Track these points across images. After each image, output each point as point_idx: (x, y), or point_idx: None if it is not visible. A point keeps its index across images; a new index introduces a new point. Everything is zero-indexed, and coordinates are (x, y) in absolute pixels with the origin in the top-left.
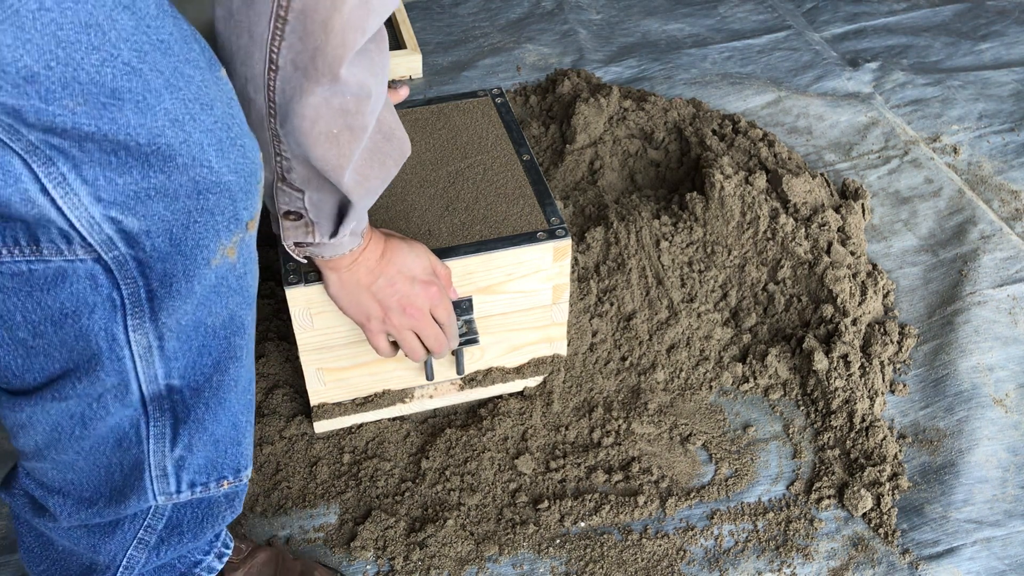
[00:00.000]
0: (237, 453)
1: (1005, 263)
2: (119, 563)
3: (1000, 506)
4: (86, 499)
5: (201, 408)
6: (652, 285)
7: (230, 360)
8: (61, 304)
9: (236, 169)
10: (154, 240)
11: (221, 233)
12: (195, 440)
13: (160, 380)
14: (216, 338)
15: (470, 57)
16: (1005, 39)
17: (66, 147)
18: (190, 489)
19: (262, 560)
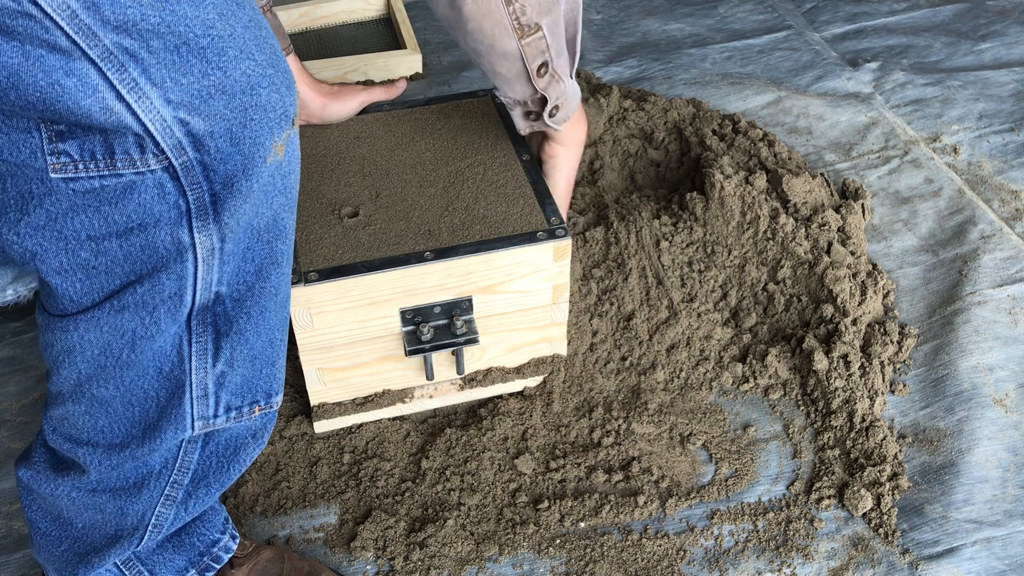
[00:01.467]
0: (271, 375)
1: (1005, 263)
2: (148, 522)
3: (1000, 506)
4: (116, 445)
5: (243, 319)
6: (652, 285)
7: (272, 266)
8: (128, 217)
9: (274, 63)
10: (217, 141)
11: (274, 129)
12: (236, 353)
13: (212, 287)
14: (260, 242)
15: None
16: (1005, 39)
17: (136, 49)
18: (226, 414)
19: (267, 557)
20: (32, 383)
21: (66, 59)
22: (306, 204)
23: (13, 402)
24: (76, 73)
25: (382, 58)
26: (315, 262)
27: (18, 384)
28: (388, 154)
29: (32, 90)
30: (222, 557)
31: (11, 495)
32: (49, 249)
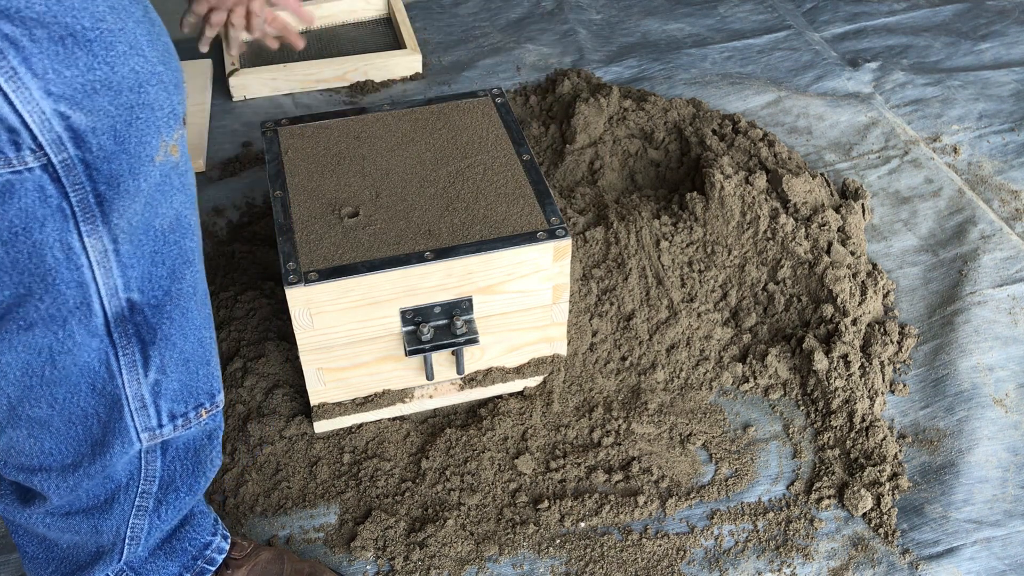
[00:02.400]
0: (208, 374)
1: (1005, 263)
2: (123, 535)
3: (1000, 506)
4: (69, 465)
5: (166, 323)
6: (652, 285)
7: (184, 266)
8: (10, 222)
9: (165, 61)
10: (100, 138)
11: (162, 128)
12: (167, 360)
13: (120, 293)
14: (167, 243)
15: (470, 57)
16: (1005, 39)
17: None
18: (171, 422)
19: (267, 558)
20: None
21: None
22: (306, 204)
23: None
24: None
25: (382, 58)
26: (315, 262)
27: None
28: (388, 154)
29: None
30: (215, 559)
31: None
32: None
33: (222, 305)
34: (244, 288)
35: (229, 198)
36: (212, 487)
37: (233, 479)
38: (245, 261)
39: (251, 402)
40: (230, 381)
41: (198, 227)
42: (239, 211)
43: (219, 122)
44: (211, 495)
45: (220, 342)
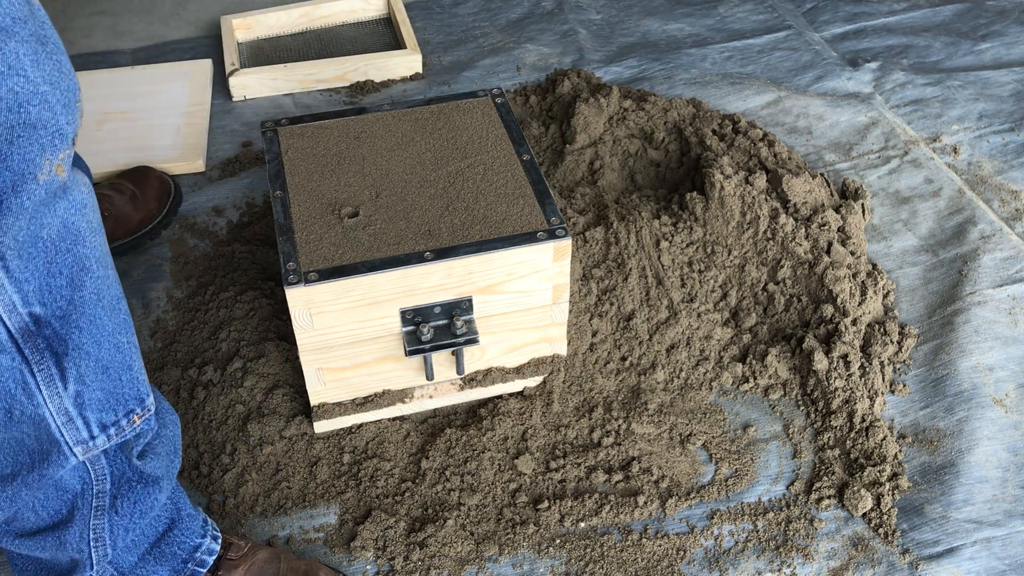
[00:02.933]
0: (132, 379)
1: (1005, 263)
2: (88, 539)
3: (1000, 506)
4: (8, 475)
5: (75, 332)
6: (652, 285)
7: (82, 273)
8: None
9: (51, 81)
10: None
11: (46, 147)
12: (84, 369)
13: (20, 308)
14: (59, 252)
15: (470, 57)
16: (1005, 39)
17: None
18: (103, 432)
19: (263, 558)
20: None
21: None
22: (306, 204)
23: None
24: None
25: (382, 58)
26: (315, 262)
27: None
28: (388, 154)
29: None
30: (206, 561)
31: None
32: None
33: (222, 305)
34: (244, 288)
35: (229, 198)
36: (212, 487)
37: (233, 479)
38: (245, 261)
39: (251, 402)
40: (230, 381)
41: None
42: (239, 211)
43: (219, 122)
44: (211, 495)
45: (220, 342)
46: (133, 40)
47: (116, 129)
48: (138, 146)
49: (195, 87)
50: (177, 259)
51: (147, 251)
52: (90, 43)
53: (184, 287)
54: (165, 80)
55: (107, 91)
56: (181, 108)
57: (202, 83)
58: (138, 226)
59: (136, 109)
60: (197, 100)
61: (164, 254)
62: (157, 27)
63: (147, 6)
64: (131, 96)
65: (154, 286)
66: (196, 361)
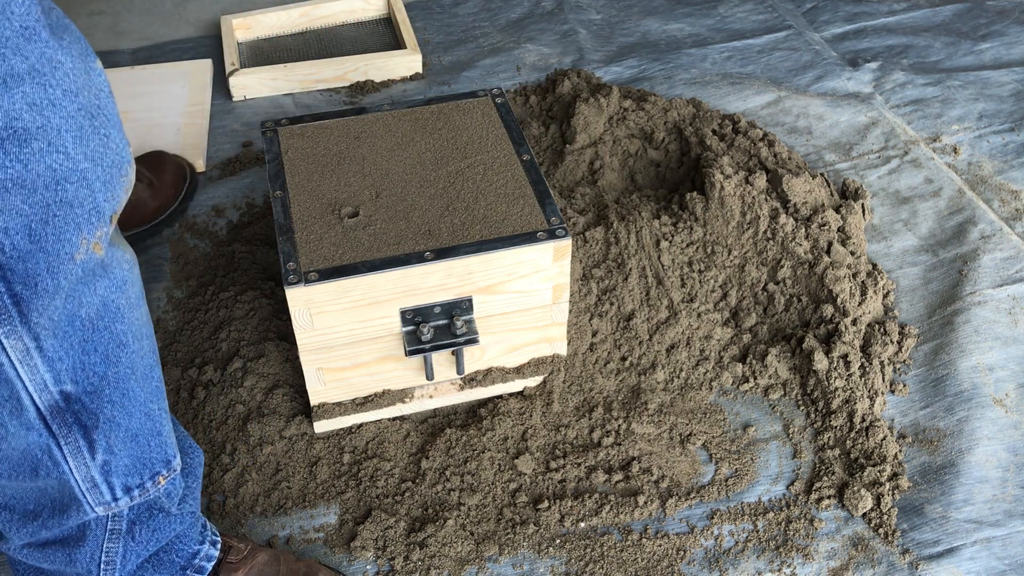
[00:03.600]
0: (161, 443)
1: (1005, 263)
2: (99, 560)
3: (1000, 506)
4: (31, 512)
5: (108, 407)
6: (652, 285)
7: (119, 349)
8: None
9: (94, 157)
10: (13, 238)
11: (83, 226)
12: (113, 441)
13: (51, 387)
14: (96, 330)
15: (470, 57)
16: (1005, 39)
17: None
18: (127, 494)
19: (263, 560)
20: None
21: None
22: (306, 204)
23: None
24: None
25: (382, 58)
26: (315, 262)
27: None
28: (388, 154)
29: None
30: (205, 567)
31: None
32: None
33: (222, 305)
34: (244, 288)
35: (229, 198)
36: (212, 487)
37: (233, 479)
38: (245, 261)
39: (251, 402)
40: (230, 381)
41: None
42: (239, 211)
43: (219, 122)
44: (211, 495)
45: (220, 342)
46: (133, 40)
47: None
48: (139, 146)
49: (195, 87)
50: (177, 259)
51: (147, 251)
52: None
53: (184, 287)
54: (165, 80)
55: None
56: (181, 108)
57: (202, 83)
58: (154, 214)
59: (136, 109)
60: (197, 100)
61: (164, 254)
62: (157, 27)
63: (147, 6)
64: (131, 96)
65: (154, 286)
66: (196, 361)
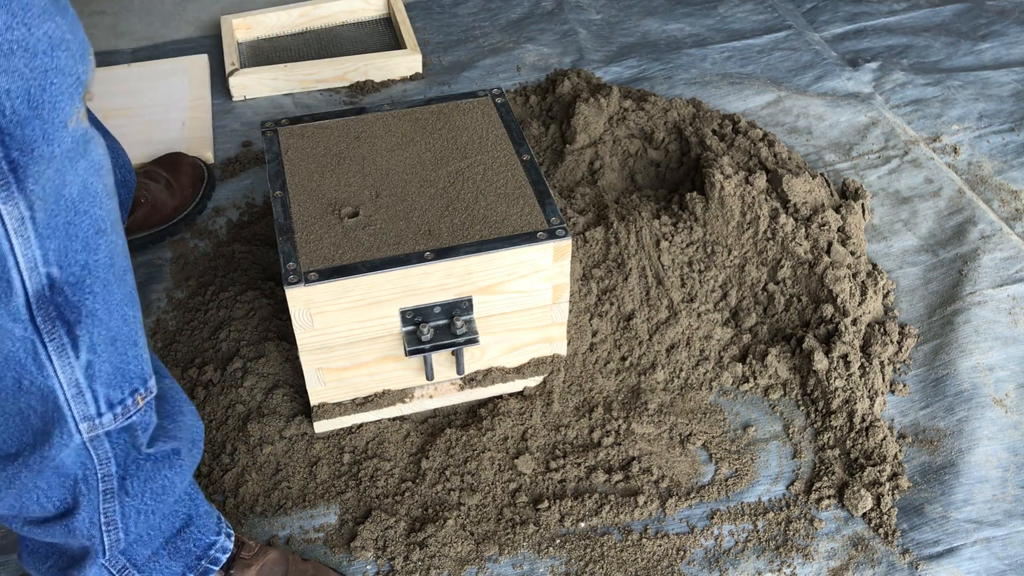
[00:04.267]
0: (137, 356)
1: (1005, 263)
2: (99, 523)
3: (1000, 506)
4: (11, 455)
5: (88, 298)
6: (652, 285)
7: (97, 236)
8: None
9: (73, 29)
10: (14, 101)
11: (73, 94)
12: (95, 338)
13: (40, 267)
14: (77, 213)
15: (470, 57)
16: (1005, 39)
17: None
18: (110, 410)
19: (273, 559)
20: None
21: None
22: (306, 204)
23: None
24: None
25: (382, 58)
26: (315, 262)
27: None
28: (388, 154)
29: None
30: (219, 559)
31: None
32: None
33: (222, 305)
34: (244, 288)
35: (229, 198)
36: (212, 487)
37: (233, 479)
38: (245, 261)
39: (251, 402)
40: (230, 381)
41: (108, 196)
42: (239, 211)
43: (219, 122)
44: (211, 495)
45: (220, 342)
46: (133, 40)
47: (120, 126)
48: (145, 141)
49: (194, 82)
50: (177, 259)
51: (147, 252)
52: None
53: (184, 287)
54: (163, 76)
55: (105, 89)
56: (183, 103)
57: (201, 78)
58: (172, 213)
59: (138, 106)
60: (198, 95)
61: (164, 255)
62: (157, 27)
63: (147, 6)
64: (131, 93)
65: (154, 287)
66: (196, 361)
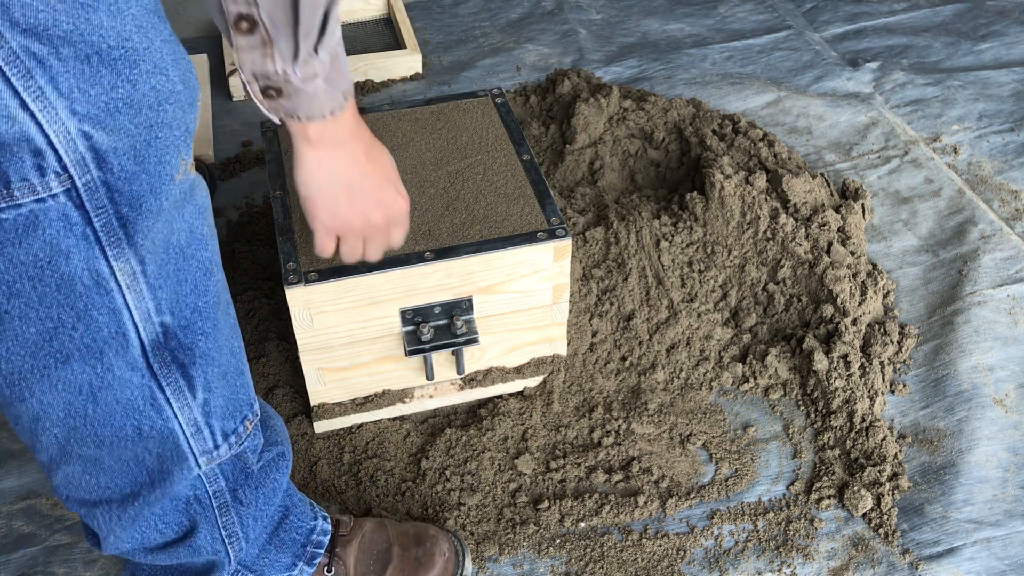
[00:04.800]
0: (244, 384)
1: (1005, 263)
2: (221, 538)
3: (1000, 506)
4: (129, 495)
5: (201, 340)
6: (652, 285)
7: (205, 278)
8: (35, 255)
9: (185, 80)
10: (121, 158)
11: (180, 147)
12: (210, 376)
13: (154, 317)
14: (185, 258)
15: (470, 57)
16: (1005, 39)
17: (44, 55)
18: (225, 441)
19: (371, 528)
20: None
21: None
22: None
23: None
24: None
25: (382, 58)
26: (315, 262)
27: None
28: None
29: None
30: (323, 541)
31: (11, 495)
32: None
33: None
34: (244, 288)
35: (229, 198)
36: None
37: None
38: (245, 261)
39: None
40: None
41: (212, 236)
42: (239, 211)
43: (219, 122)
44: None
45: None
46: None
47: None
48: None
49: None
50: None
51: None
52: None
53: None
54: None
55: None
56: None
57: (200, 78)
58: None
59: None
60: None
61: None
62: None
63: None
64: None
65: None
66: None
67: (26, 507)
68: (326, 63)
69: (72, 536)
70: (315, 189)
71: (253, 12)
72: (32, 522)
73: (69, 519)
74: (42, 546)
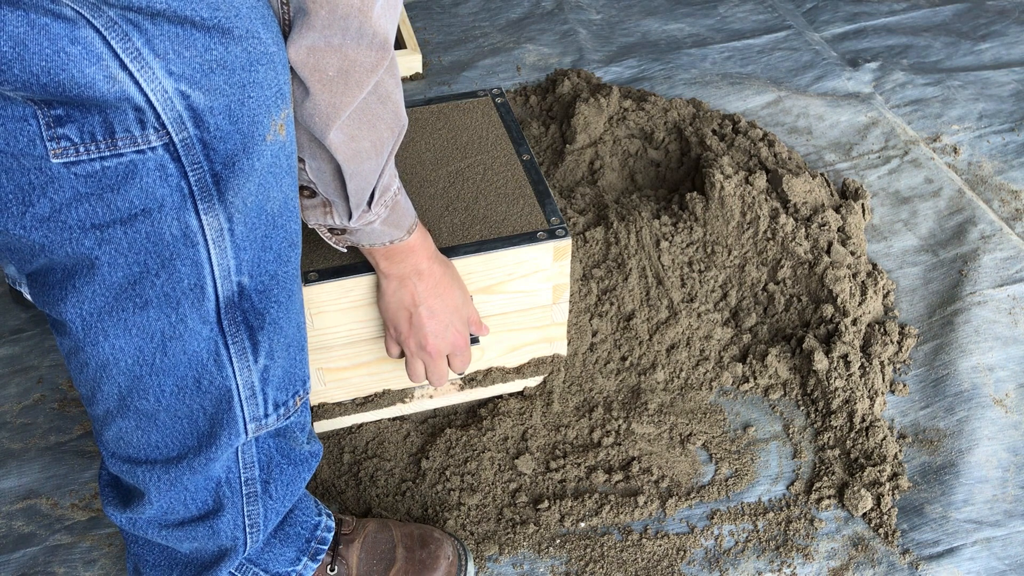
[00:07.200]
0: (303, 360)
1: (1005, 263)
2: (243, 526)
3: (1000, 506)
4: (174, 458)
5: (273, 307)
6: (652, 285)
7: (290, 249)
8: (130, 202)
9: (277, 41)
10: (216, 117)
11: (271, 107)
12: (274, 344)
13: (233, 275)
14: (276, 227)
15: (470, 57)
16: (1005, 39)
17: (140, 20)
18: (275, 411)
19: (374, 528)
20: (32, 384)
21: (71, 27)
22: None
23: (14, 404)
24: (81, 41)
25: None
26: (315, 262)
27: (18, 386)
28: None
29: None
30: (326, 538)
31: (11, 495)
32: (55, 240)
33: None
34: None
35: None
36: None
37: None
38: None
39: None
40: None
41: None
42: None
43: None
44: None
45: None
46: None
47: None
48: None
49: None
50: None
51: None
52: None
53: None
54: None
55: None
56: None
57: None
58: None
59: None
60: None
61: None
62: None
63: None
64: None
65: None
66: None
67: (26, 507)
68: (382, 214)
69: (72, 536)
70: (383, 309)
71: (312, 185)
72: (32, 522)
73: (69, 519)
74: (42, 546)
